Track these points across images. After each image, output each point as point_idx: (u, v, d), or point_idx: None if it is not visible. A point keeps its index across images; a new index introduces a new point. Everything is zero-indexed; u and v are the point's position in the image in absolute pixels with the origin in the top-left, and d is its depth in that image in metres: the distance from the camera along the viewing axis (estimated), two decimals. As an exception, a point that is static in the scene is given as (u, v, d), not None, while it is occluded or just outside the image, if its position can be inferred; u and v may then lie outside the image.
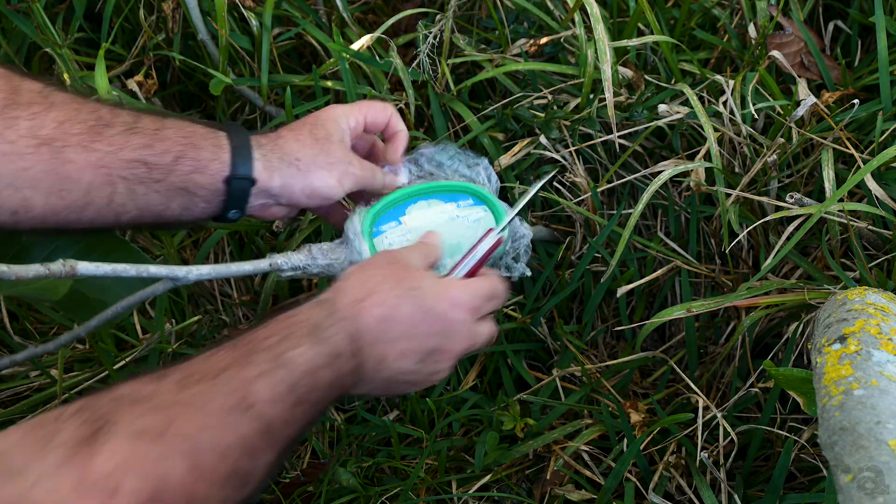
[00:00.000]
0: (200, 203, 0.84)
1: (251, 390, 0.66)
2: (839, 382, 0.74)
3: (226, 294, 1.26)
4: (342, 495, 1.04)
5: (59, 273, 0.74)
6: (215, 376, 0.66)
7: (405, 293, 0.78)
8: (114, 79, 1.27)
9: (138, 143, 0.79)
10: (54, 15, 1.31)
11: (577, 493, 1.01)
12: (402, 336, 0.78)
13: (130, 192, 0.80)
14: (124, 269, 0.79)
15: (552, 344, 1.16)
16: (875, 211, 1.02)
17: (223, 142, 0.83)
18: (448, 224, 0.96)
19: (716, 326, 1.13)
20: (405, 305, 0.78)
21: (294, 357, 0.69)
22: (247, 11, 1.22)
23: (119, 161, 0.78)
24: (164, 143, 0.81)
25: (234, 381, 0.66)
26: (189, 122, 0.85)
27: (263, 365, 0.68)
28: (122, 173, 0.79)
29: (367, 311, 0.76)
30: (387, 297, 0.77)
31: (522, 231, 1.01)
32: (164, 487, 0.57)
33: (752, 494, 1.01)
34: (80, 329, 0.87)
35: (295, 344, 0.70)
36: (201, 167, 0.82)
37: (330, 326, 0.73)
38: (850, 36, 1.27)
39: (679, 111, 1.13)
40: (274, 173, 0.84)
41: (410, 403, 1.09)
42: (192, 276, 0.84)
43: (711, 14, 1.27)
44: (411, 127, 1.22)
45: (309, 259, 0.90)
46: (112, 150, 0.78)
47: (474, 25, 1.29)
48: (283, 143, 0.86)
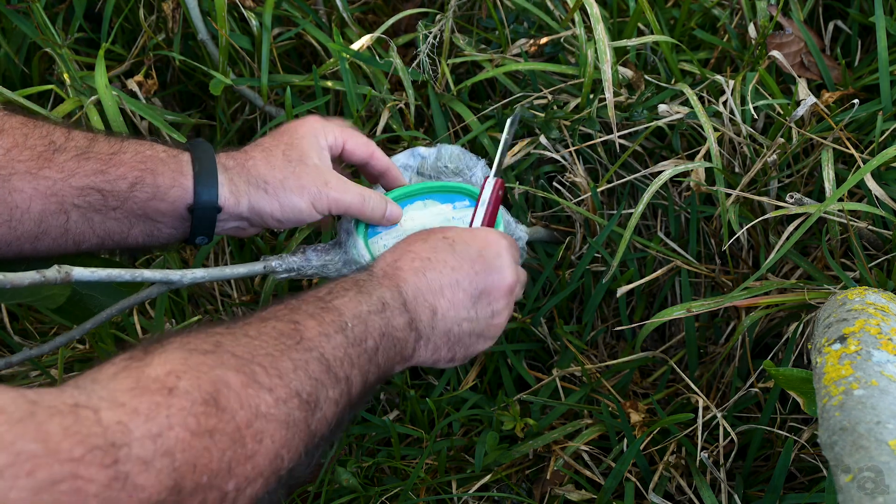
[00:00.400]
0: (165, 229, 0.81)
1: (301, 327, 0.65)
2: (839, 382, 0.74)
3: (226, 294, 1.26)
4: (342, 495, 1.04)
5: (55, 279, 0.74)
6: (264, 320, 0.65)
7: (437, 243, 0.80)
8: (114, 79, 1.27)
9: (91, 169, 0.76)
10: (54, 15, 1.31)
11: (577, 493, 1.01)
12: (446, 284, 0.79)
13: (87, 220, 0.77)
14: (119, 273, 0.79)
15: (552, 344, 1.16)
16: (875, 211, 1.02)
17: (185, 167, 0.80)
18: (444, 225, 0.96)
19: (716, 326, 1.13)
20: (440, 253, 0.80)
21: (340, 304, 0.70)
22: (247, 11, 1.22)
23: (70, 188, 0.75)
24: (118, 168, 0.77)
25: (282, 320, 0.66)
26: (150, 144, 0.80)
27: (311, 308, 0.68)
28: (74, 201, 0.75)
29: (404, 268, 0.78)
30: (420, 251, 0.79)
31: (519, 233, 1.01)
32: (221, 390, 0.56)
33: (752, 494, 1.01)
34: (76, 331, 0.87)
35: (340, 294, 0.71)
36: (160, 194, 0.78)
37: (372, 283, 0.75)
38: (850, 36, 1.27)
39: (679, 111, 1.13)
40: (241, 198, 0.81)
41: (410, 403, 1.09)
42: (186, 279, 0.85)
43: (711, 14, 1.27)
44: (411, 126, 1.22)
45: (303, 260, 0.90)
46: (62, 176, 0.75)
47: (474, 25, 1.29)
48: (251, 166, 0.83)
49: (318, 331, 0.66)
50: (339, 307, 0.70)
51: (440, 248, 0.80)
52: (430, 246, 0.80)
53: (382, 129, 1.21)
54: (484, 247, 0.83)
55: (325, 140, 0.88)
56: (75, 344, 1.18)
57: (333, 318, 0.68)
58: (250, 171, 0.83)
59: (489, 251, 0.83)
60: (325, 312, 0.68)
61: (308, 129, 0.88)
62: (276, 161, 0.84)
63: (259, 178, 0.83)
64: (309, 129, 0.88)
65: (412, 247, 0.81)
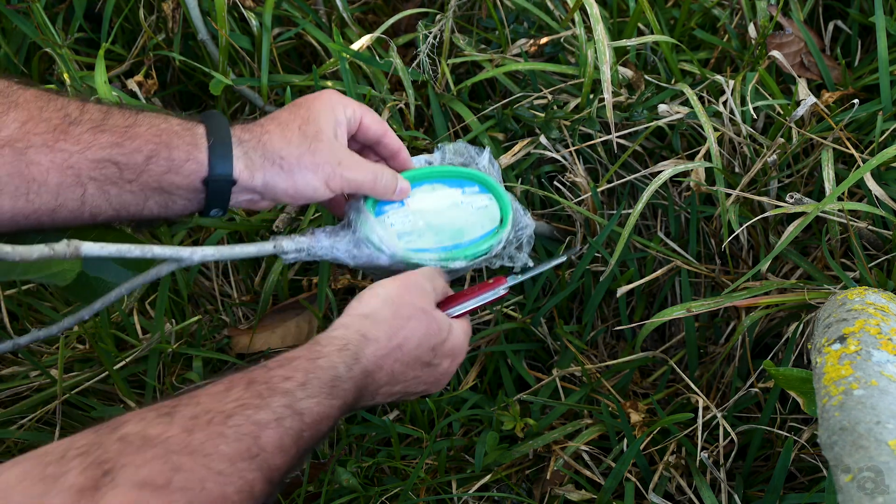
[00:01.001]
0: (179, 201, 0.80)
1: (260, 438, 0.65)
2: (839, 382, 0.74)
3: (226, 294, 1.26)
4: (342, 495, 1.04)
5: (64, 253, 0.72)
6: (226, 419, 0.64)
7: (423, 354, 0.82)
8: (114, 79, 1.27)
9: (107, 142, 0.75)
10: (54, 15, 1.31)
11: (577, 493, 1.01)
12: (400, 385, 0.82)
13: (103, 192, 0.76)
14: (129, 249, 0.78)
15: (552, 344, 1.16)
16: (875, 211, 1.02)
17: (200, 140, 0.79)
18: (452, 209, 0.96)
19: (716, 326, 1.13)
20: (418, 364, 0.82)
21: (309, 407, 0.69)
22: (247, 11, 1.23)
23: (87, 161, 0.75)
24: (134, 141, 0.76)
25: (244, 425, 0.64)
26: (164, 116, 0.79)
27: (278, 410, 0.67)
28: (91, 174, 0.75)
29: (385, 367, 0.79)
30: (406, 355, 0.80)
31: (526, 221, 1.00)
32: None
33: (752, 494, 1.01)
34: (84, 311, 0.85)
35: (312, 394, 0.70)
36: (175, 167, 0.78)
37: (348, 379, 0.74)
38: (850, 36, 1.27)
39: (679, 111, 1.13)
40: (256, 172, 0.81)
41: (410, 403, 1.09)
42: (196, 256, 0.83)
43: (711, 14, 1.27)
44: (411, 126, 1.22)
45: (312, 240, 0.89)
46: (79, 149, 0.74)
47: (474, 25, 1.29)
48: (267, 140, 0.82)
49: (275, 446, 0.66)
50: (307, 411, 0.69)
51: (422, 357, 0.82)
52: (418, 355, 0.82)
53: (382, 129, 1.21)
54: (450, 365, 0.86)
55: (342, 115, 0.87)
56: (75, 343, 1.18)
57: (293, 426, 0.68)
58: (266, 145, 0.82)
59: (451, 369, 0.87)
60: (289, 418, 0.68)
61: (326, 103, 0.86)
62: (292, 136, 0.83)
63: (275, 153, 0.81)
64: (327, 102, 0.86)
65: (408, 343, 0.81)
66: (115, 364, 1.12)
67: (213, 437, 0.62)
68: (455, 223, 0.95)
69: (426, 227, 0.94)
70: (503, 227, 0.96)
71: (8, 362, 1.17)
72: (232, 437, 0.63)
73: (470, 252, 0.94)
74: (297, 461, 0.68)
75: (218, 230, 1.20)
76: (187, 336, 1.16)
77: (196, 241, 1.26)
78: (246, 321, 1.24)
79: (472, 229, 0.95)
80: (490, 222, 0.96)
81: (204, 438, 0.62)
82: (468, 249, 0.94)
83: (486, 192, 0.98)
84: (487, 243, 0.95)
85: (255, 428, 0.65)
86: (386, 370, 0.79)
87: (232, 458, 0.62)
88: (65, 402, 1.09)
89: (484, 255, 0.95)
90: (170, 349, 1.12)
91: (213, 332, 1.19)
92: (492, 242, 0.95)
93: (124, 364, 1.12)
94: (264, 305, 1.18)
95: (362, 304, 0.82)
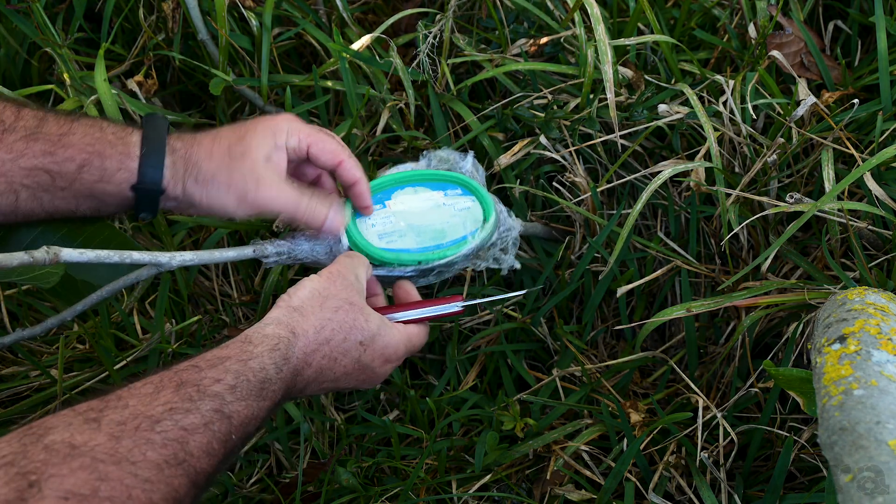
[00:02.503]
0: (111, 206, 0.83)
1: (187, 444, 0.65)
2: (839, 382, 0.74)
3: (226, 294, 1.26)
4: (342, 495, 1.04)
5: (43, 260, 0.74)
6: (154, 424, 0.64)
7: (351, 348, 0.82)
8: (114, 79, 1.27)
9: (39, 150, 0.76)
10: (54, 15, 1.31)
11: (577, 493, 1.01)
12: (330, 382, 0.82)
13: (36, 198, 0.78)
14: (108, 255, 0.79)
15: (552, 344, 1.16)
16: (875, 211, 1.02)
17: (132, 149, 0.80)
18: (434, 210, 0.98)
19: (716, 326, 1.13)
20: (346, 359, 0.82)
21: (238, 411, 0.70)
22: (247, 11, 1.22)
23: (19, 169, 0.76)
24: (67, 150, 0.77)
25: (172, 430, 0.64)
26: (100, 124, 0.80)
27: (207, 415, 0.67)
28: (23, 181, 0.76)
29: (313, 363, 0.79)
30: (333, 349, 0.80)
31: (510, 223, 1.01)
32: None
33: (752, 494, 1.01)
34: (66, 312, 0.87)
35: (242, 396, 0.70)
36: (107, 176, 0.79)
37: (277, 380, 0.75)
38: (850, 36, 1.27)
39: (679, 111, 1.13)
40: (178, 182, 0.82)
41: (410, 403, 1.09)
42: (175, 261, 0.85)
43: (711, 14, 1.27)
44: (411, 126, 1.22)
45: (293, 244, 0.91)
46: (11, 157, 0.75)
47: (474, 25, 1.29)
48: (193, 152, 0.83)
49: (202, 451, 0.65)
50: (235, 414, 0.69)
51: (351, 353, 0.82)
52: (345, 349, 0.81)
53: (382, 129, 1.21)
54: (381, 365, 0.86)
55: (283, 140, 0.87)
56: (75, 343, 1.18)
57: (221, 430, 0.68)
58: (190, 158, 0.83)
59: (383, 369, 0.86)
60: (218, 422, 0.68)
61: (268, 127, 0.87)
62: (217, 151, 0.84)
63: (195, 165, 0.83)
64: (269, 126, 0.87)
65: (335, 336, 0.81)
66: (115, 364, 1.12)
67: (141, 444, 0.62)
68: (436, 224, 0.97)
69: (407, 228, 0.96)
70: (485, 226, 0.97)
71: (8, 362, 1.17)
72: (159, 443, 0.63)
73: (451, 252, 0.94)
74: (224, 463, 0.69)
75: (218, 230, 1.20)
76: (187, 336, 1.16)
77: (196, 241, 1.26)
78: (246, 321, 1.24)
79: (453, 230, 0.97)
80: (472, 223, 0.98)
81: (131, 445, 0.62)
82: (449, 250, 0.95)
83: (469, 195, 0.99)
84: (469, 244, 0.96)
85: (184, 433, 0.65)
86: (314, 367, 0.79)
87: (159, 465, 0.62)
88: (65, 402, 1.09)
89: (465, 254, 0.96)
90: (170, 349, 1.12)
91: (213, 332, 1.19)
92: (475, 241, 0.96)
93: (124, 364, 1.12)
94: (264, 305, 1.18)
95: (292, 297, 0.82)
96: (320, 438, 1.13)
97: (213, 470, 0.67)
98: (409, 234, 0.96)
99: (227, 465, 0.70)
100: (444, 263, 0.95)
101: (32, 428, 0.60)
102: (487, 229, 0.97)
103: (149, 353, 1.12)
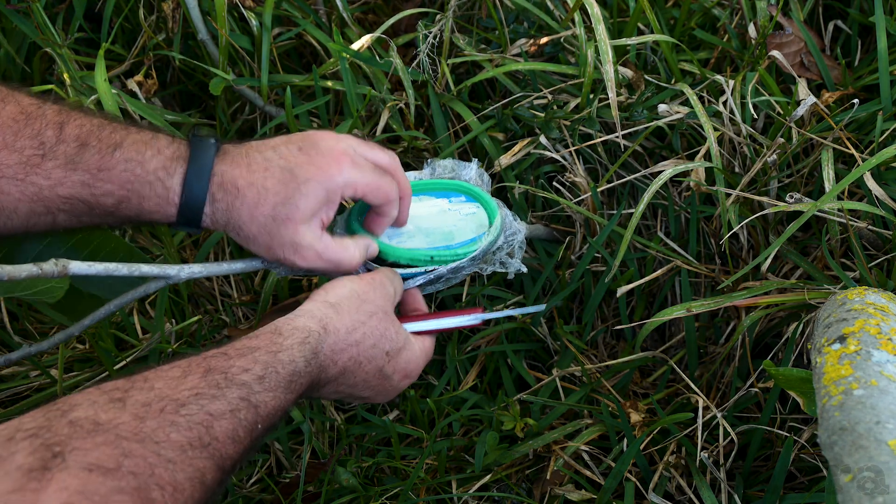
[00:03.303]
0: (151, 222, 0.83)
1: (212, 428, 0.65)
2: (839, 382, 0.74)
3: (226, 294, 1.26)
4: (342, 495, 1.04)
5: (52, 273, 0.74)
6: (179, 407, 0.64)
7: (377, 355, 0.82)
8: (114, 79, 1.27)
9: (78, 181, 0.76)
10: (54, 15, 1.31)
11: (577, 493, 1.01)
12: (348, 386, 0.82)
13: (74, 219, 0.79)
14: (116, 268, 0.79)
15: (552, 344, 1.16)
16: (875, 211, 1.02)
17: (172, 196, 0.79)
18: (440, 215, 0.99)
19: (716, 326, 1.13)
20: (370, 366, 0.82)
21: (265, 401, 0.70)
22: (247, 11, 1.23)
23: (57, 196, 0.76)
24: (105, 185, 0.77)
25: (197, 414, 0.64)
26: (141, 158, 0.78)
27: (234, 402, 0.67)
28: (61, 206, 0.77)
29: (339, 362, 0.79)
30: (361, 353, 0.81)
31: (516, 227, 1.02)
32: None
33: (752, 494, 1.01)
34: (74, 327, 0.87)
35: (270, 387, 0.71)
36: (145, 214, 0.80)
37: (306, 374, 0.75)
38: (850, 36, 1.27)
39: (679, 111, 1.13)
40: (218, 227, 0.82)
41: (410, 403, 1.09)
42: (183, 274, 0.85)
43: (711, 14, 1.27)
44: (411, 126, 1.22)
45: None
46: (49, 184, 0.76)
47: (474, 25, 1.29)
48: (235, 211, 0.81)
49: (227, 436, 0.65)
50: (262, 404, 0.69)
51: (376, 361, 0.82)
52: (371, 355, 0.82)
53: (382, 129, 1.21)
54: (401, 379, 0.86)
55: (338, 198, 0.84)
56: (75, 343, 1.18)
57: (247, 418, 0.68)
58: (231, 214, 0.81)
59: (401, 384, 0.87)
60: (244, 410, 0.68)
61: (322, 184, 0.82)
62: (260, 215, 0.81)
63: (237, 222, 0.82)
64: (325, 182, 0.82)
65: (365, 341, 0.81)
66: (115, 364, 1.12)
67: (165, 426, 0.62)
68: (444, 227, 0.98)
69: (416, 230, 0.97)
70: (490, 230, 0.97)
71: (8, 362, 1.17)
72: (184, 426, 0.63)
73: (462, 252, 0.95)
74: (251, 450, 0.69)
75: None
76: (187, 336, 1.16)
77: (196, 241, 1.27)
78: (246, 321, 1.24)
79: (461, 233, 0.98)
80: (479, 227, 0.99)
81: (155, 426, 0.62)
82: (461, 249, 0.95)
83: (474, 202, 1.01)
84: (478, 244, 0.96)
85: (209, 418, 0.65)
86: (339, 366, 0.79)
87: (183, 447, 0.62)
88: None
89: (475, 254, 0.96)
90: (170, 349, 1.12)
91: (213, 332, 1.19)
92: (482, 243, 0.96)
93: (124, 364, 1.12)
94: (264, 305, 1.18)
95: (329, 293, 0.82)
96: (320, 438, 1.13)
97: (239, 457, 0.67)
98: (418, 234, 0.96)
99: (252, 454, 0.70)
100: (455, 267, 0.95)
101: (57, 404, 0.61)
102: (493, 232, 0.97)
103: (149, 353, 1.12)
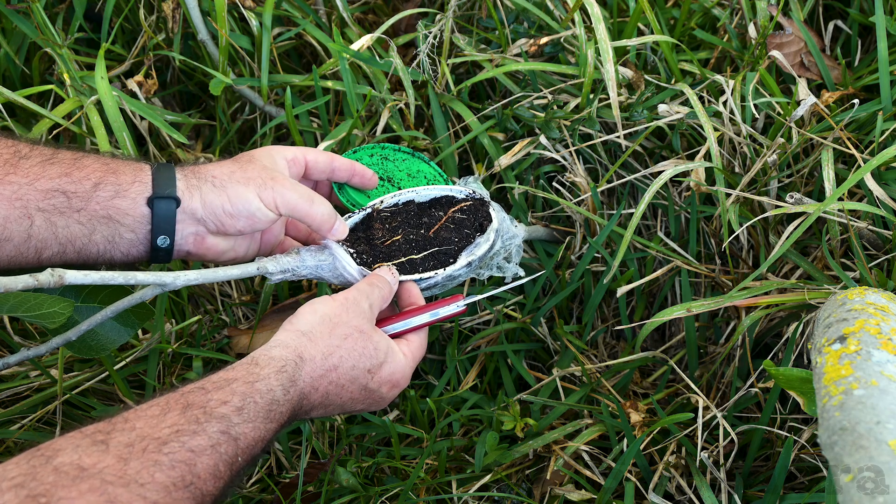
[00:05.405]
0: (126, 233, 0.82)
1: (195, 466, 0.66)
2: (839, 382, 0.74)
3: (226, 294, 1.26)
4: (342, 495, 1.04)
5: (48, 283, 0.75)
6: (161, 445, 0.65)
7: (358, 375, 0.83)
8: (114, 79, 1.27)
9: (56, 172, 0.79)
10: (54, 15, 1.31)
11: (577, 493, 1.01)
12: (336, 406, 0.84)
13: (50, 224, 0.79)
14: (112, 276, 0.80)
15: (552, 344, 1.16)
16: (875, 211, 1.02)
17: (144, 168, 0.84)
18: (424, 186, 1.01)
19: (716, 326, 1.13)
20: (353, 386, 0.83)
21: (244, 433, 0.71)
22: (247, 11, 1.23)
23: (35, 192, 0.78)
24: (82, 170, 0.80)
25: (179, 452, 0.65)
26: (110, 153, 0.87)
27: (214, 436, 0.68)
28: (39, 205, 0.78)
29: (320, 388, 0.81)
30: (341, 376, 0.82)
31: (513, 231, 1.01)
32: None
33: (752, 494, 1.01)
34: (72, 332, 0.88)
35: (249, 418, 0.72)
36: (122, 191, 0.81)
37: (285, 402, 0.76)
38: (850, 36, 1.27)
39: (679, 111, 1.13)
40: (194, 192, 0.84)
41: (410, 403, 1.09)
42: (179, 281, 0.86)
43: (711, 14, 1.27)
44: (411, 126, 1.22)
45: (297, 261, 0.91)
46: (27, 181, 0.77)
47: (474, 25, 1.29)
48: (202, 167, 0.87)
49: (209, 473, 0.67)
50: (242, 436, 0.70)
51: (358, 380, 0.84)
52: (353, 376, 0.83)
53: (382, 129, 1.21)
54: (388, 391, 0.87)
55: (280, 155, 0.92)
56: (75, 344, 1.18)
57: (228, 452, 0.69)
58: (201, 170, 0.87)
59: (389, 394, 0.88)
60: (225, 444, 0.69)
61: (263, 151, 0.92)
62: (225, 163, 0.89)
63: (208, 173, 0.86)
64: (265, 149, 0.93)
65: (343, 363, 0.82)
66: (115, 364, 1.12)
67: (149, 466, 0.63)
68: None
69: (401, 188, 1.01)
70: (487, 234, 0.98)
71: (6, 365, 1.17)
72: (167, 465, 0.64)
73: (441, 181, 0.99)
74: (230, 486, 0.70)
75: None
76: (187, 336, 1.16)
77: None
78: (246, 321, 1.24)
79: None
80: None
81: (139, 467, 0.63)
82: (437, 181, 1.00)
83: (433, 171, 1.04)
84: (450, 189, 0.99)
85: (191, 455, 0.66)
86: (321, 391, 0.81)
87: (167, 487, 0.63)
88: (65, 402, 1.09)
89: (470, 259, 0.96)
90: (170, 349, 1.12)
91: (213, 332, 1.19)
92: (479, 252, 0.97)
93: (124, 364, 1.12)
94: (264, 305, 1.18)
95: (300, 321, 0.83)
96: (320, 438, 1.13)
97: (219, 493, 0.68)
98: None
99: (232, 489, 0.71)
100: (450, 274, 0.96)
101: (41, 450, 0.61)
102: (490, 236, 0.97)
103: (149, 353, 1.12)
